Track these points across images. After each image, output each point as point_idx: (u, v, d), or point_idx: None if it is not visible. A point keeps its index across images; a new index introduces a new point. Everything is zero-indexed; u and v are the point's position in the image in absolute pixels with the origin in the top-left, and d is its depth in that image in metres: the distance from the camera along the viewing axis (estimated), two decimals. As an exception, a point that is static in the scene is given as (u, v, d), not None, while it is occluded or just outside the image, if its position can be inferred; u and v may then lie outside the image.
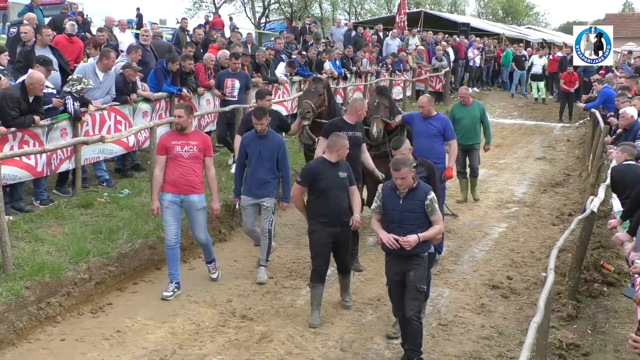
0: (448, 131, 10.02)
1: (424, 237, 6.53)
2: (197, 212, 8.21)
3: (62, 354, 6.88)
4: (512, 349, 7.39)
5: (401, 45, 25.89)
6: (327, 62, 19.57)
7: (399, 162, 6.49)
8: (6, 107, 9.17)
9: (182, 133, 8.05)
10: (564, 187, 14.86)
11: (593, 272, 9.03)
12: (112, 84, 11.36)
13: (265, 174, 8.68)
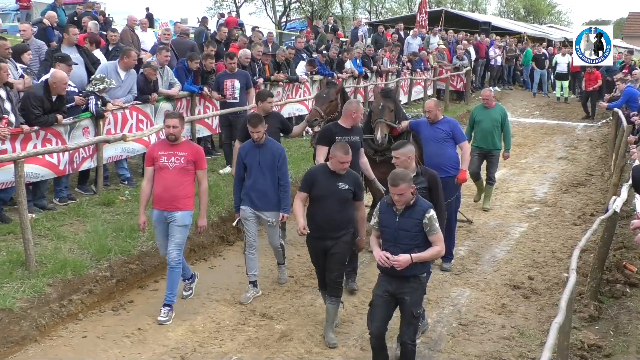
0: (457, 133, 9.41)
1: (417, 258, 6.01)
2: (176, 227, 7.58)
3: (83, 350, 6.93)
4: (533, 349, 7.35)
5: (422, 44, 25.83)
6: (348, 61, 19.57)
7: (397, 177, 5.98)
8: (30, 105, 9.27)
9: (171, 143, 7.51)
10: (586, 187, 14.75)
11: (615, 272, 8.94)
12: (134, 83, 11.42)
13: (266, 185, 8.09)
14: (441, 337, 7.62)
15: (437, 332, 7.73)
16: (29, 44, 11.53)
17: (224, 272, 8.98)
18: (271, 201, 8.11)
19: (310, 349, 7.14)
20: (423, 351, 7.28)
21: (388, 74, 21.48)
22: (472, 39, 28.69)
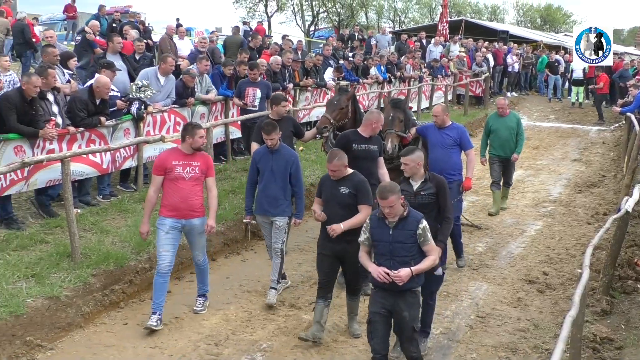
0: (464, 140, 9.09)
1: (417, 270, 5.65)
2: (198, 235, 7.37)
3: (124, 337, 7.01)
4: (547, 341, 7.31)
5: (443, 51, 25.77)
6: (373, 67, 19.58)
7: (385, 190, 5.63)
8: (75, 108, 9.40)
9: (185, 153, 7.16)
10: (599, 188, 14.61)
11: (627, 269, 8.88)
12: (173, 87, 11.53)
13: (277, 191, 7.79)
14: (460, 329, 7.60)
15: (456, 324, 7.72)
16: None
17: (256, 265, 9.03)
18: (280, 206, 7.82)
19: (336, 338, 7.15)
20: (442, 341, 7.28)
21: (411, 79, 21.43)
22: (491, 47, 28.55)
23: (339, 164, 6.75)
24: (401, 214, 5.66)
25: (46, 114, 8.89)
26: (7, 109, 8.43)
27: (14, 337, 6.58)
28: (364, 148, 7.99)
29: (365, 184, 6.92)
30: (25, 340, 6.64)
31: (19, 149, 8.61)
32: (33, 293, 7.04)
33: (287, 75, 15.10)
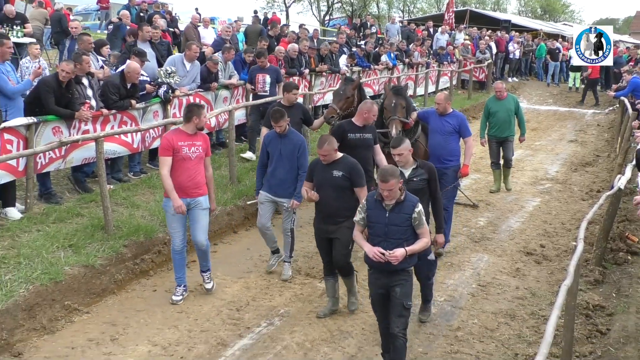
0: (464, 128, 8.67)
1: (411, 250, 5.42)
2: (201, 211, 7.01)
3: (153, 302, 7.07)
4: (543, 308, 7.31)
5: (449, 39, 25.61)
6: (384, 54, 19.47)
7: (387, 173, 5.37)
8: (108, 92, 9.43)
9: (188, 134, 6.87)
10: (593, 167, 14.54)
11: (618, 242, 8.85)
12: (197, 73, 11.53)
13: (285, 173, 7.58)
14: (462, 296, 7.61)
15: (459, 292, 7.72)
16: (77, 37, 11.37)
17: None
18: (288, 189, 7.61)
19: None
20: (446, 308, 7.30)
21: (418, 66, 21.31)
22: (494, 35, 28.28)
23: (329, 149, 6.50)
24: (398, 197, 5.43)
25: (81, 97, 8.93)
26: (46, 92, 8.46)
27: (54, 302, 6.67)
28: (358, 137, 7.72)
29: (357, 166, 6.66)
30: (64, 305, 6.73)
31: (57, 130, 8.66)
32: (70, 262, 7.12)
33: (304, 62, 15.08)
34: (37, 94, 8.50)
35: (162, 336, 6.41)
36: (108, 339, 6.25)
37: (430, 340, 6.57)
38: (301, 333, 6.54)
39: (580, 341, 6.41)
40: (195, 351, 6.19)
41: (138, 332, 6.48)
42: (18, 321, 6.26)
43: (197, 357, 6.10)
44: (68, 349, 6.12)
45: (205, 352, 6.19)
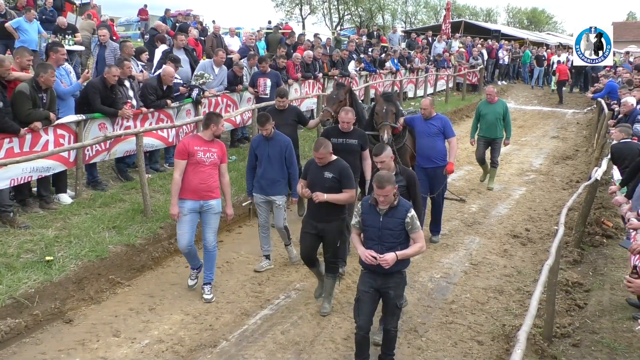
0: (447, 129, 8.25)
1: (402, 255, 5.00)
2: (213, 215, 6.54)
3: (186, 276, 7.06)
4: (528, 284, 7.27)
5: (445, 47, 25.42)
6: (388, 61, 19.35)
7: (383, 179, 4.91)
8: (147, 93, 9.43)
9: (205, 140, 6.41)
10: (573, 160, 14.39)
11: (595, 227, 8.79)
12: (225, 76, 11.50)
13: (274, 174, 7.08)
14: (456, 274, 7.57)
15: (453, 270, 7.68)
16: (106, 44, 11.43)
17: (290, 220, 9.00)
18: (278, 187, 7.13)
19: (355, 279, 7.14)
20: (442, 284, 7.26)
21: (418, 70, 21.16)
22: (485, 44, 28.10)
23: (325, 152, 6.07)
24: (392, 202, 5.02)
25: (124, 97, 8.92)
26: (93, 93, 8.47)
27: (100, 276, 6.70)
28: (341, 142, 7.23)
29: (348, 169, 6.21)
30: (108, 278, 6.75)
31: (102, 126, 8.67)
32: (114, 241, 7.14)
33: (318, 67, 15.01)
34: (86, 95, 8.52)
35: (193, 307, 6.43)
36: (146, 309, 6.28)
37: (427, 312, 6.54)
38: (315, 305, 6.52)
39: (561, 314, 6.38)
40: (222, 320, 6.20)
41: (172, 303, 6.50)
42: (69, 292, 6.31)
43: (224, 325, 6.11)
44: (112, 317, 6.15)
45: (231, 321, 6.20)
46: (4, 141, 7.24)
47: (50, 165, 7.92)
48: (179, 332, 5.93)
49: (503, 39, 31.83)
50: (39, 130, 7.61)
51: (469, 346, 5.88)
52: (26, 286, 5.99)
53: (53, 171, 8.05)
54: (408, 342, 5.91)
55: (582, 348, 5.67)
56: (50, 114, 7.71)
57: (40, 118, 7.57)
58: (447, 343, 5.92)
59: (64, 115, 8.18)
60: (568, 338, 5.89)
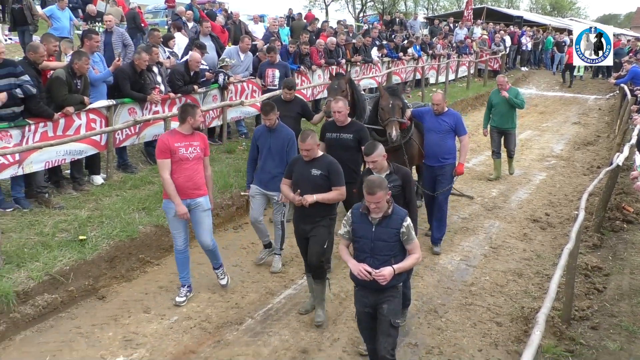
0: (460, 127, 7.53)
1: (399, 269, 4.40)
2: (203, 213, 5.96)
3: (213, 257, 7.16)
4: (547, 268, 7.23)
5: (467, 33, 25.13)
6: (410, 47, 19.20)
7: (373, 185, 4.29)
8: (174, 79, 9.51)
9: (184, 134, 5.82)
10: (594, 146, 14.19)
11: (616, 212, 8.69)
12: (250, 62, 11.53)
13: (274, 168, 6.50)
14: (476, 257, 7.57)
15: (474, 253, 7.67)
16: (112, 30, 11.22)
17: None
18: (277, 182, 6.32)
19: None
20: (462, 267, 7.27)
21: (440, 56, 20.96)
22: (507, 30, 27.69)
23: (312, 143, 5.57)
24: (385, 210, 4.42)
25: (152, 82, 9.01)
26: (123, 79, 8.57)
27: (130, 255, 6.82)
28: (335, 137, 6.71)
29: (336, 165, 5.66)
30: (138, 257, 6.88)
31: (132, 111, 8.77)
32: (144, 222, 7.25)
33: (341, 53, 14.96)
34: (116, 80, 8.62)
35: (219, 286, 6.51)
36: (175, 287, 6.37)
37: (447, 294, 6.56)
38: (336, 285, 6.57)
39: (580, 297, 6.34)
40: (247, 299, 6.29)
41: (200, 281, 6.60)
42: (102, 270, 6.44)
43: (250, 303, 6.20)
44: (142, 294, 6.27)
45: (256, 299, 6.28)
46: (38, 125, 7.39)
47: (82, 149, 8.07)
48: (206, 309, 6.04)
49: (525, 25, 31.33)
50: (71, 114, 7.75)
51: (488, 327, 5.90)
52: (61, 264, 6.14)
53: (85, 154, 8.20)
54: (428, 322, 5.95)
55: (600, 331, 5.65)
56: (85, 98, 7.87)
57: (75, 102, 7.72)
58: (467, 324, 5.95)
59: (96, 100, 8.29)
60: (587, 321, 5.87)
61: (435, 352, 5.43)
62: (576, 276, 6.23)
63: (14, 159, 7.10)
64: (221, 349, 5.38)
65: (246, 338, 5.56)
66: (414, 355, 5.39)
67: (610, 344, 5.36)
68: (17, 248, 6.25)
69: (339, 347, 5.42)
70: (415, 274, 6.92)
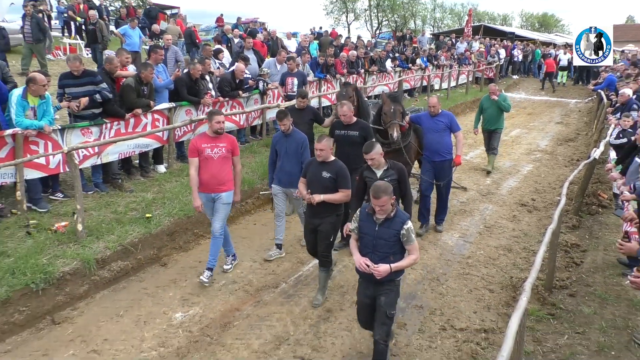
0: (454, 124, 7.26)
1: (396, 267, 4.14)
2: (222, 205, 5.73)
3: (254, 232, 7.23)
4: (532, 245, 7.12)
5: (467, 47, 24.69)
6: (418, 59, 18.95)
7: (379, 190, 4.03)
8: (223, 85, 9.53)
9: (211, 137, 5.65)
10: (574, 142, 13.85)
11: (592, 198, 8.50)
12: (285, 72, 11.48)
13: (291, 167, 6.17)
14: (472, 234, 7.48)
15: (470, 231, 7.58)
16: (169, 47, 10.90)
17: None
18: (295, 180, 6.00)
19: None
20: (460, 242, 7.19)
21: (444, 67, 20.64)
22: (501, 44, 27.14)
23: (327, 144, 5.31)
24: (388, 213, 4.14)
25: (205, 89, 9.05)
26: (181, 86, 8.63)
27: (187, 230, 6.89)
28: (343, 134, 6.46)
29: (345, 170, 5.35)
30: (193, 232, 6.94)
31: (188, 112, 8.83)
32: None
33: (360, 64, 14.84)
34: (175, 87, 8.67)
35: (260, 255, 6.55)
36: (223, 257, 6.39)
37: (448, 265, 6.51)
38: (356, 257, 6.55)
39: (560, 270, 6.23)
40: (282, 267, 6.32)
41: (244, 252, 6.64)
42: (164, 242, 6.52)
43: (284, 270, 6.23)
44: (196, 262, 6.35)
45: (289, 267, 6.31)
46: (113, 124, 7.50)
47: (148, 143, 8.16)
48: (248, 275, 6.09)
49: (517, 39, 30.70)
50: (139, 115, 7.84)
51: (482, 293, 5.84)
52: (132, 237, 6.23)
53: (151, 147, 8.29)
54: (432, 288, 5.91)
55: (577, 298, 5.56)
56: (150, 102, 7.94)
57: (142, 105, 7.81)
58: (464, 290, 5.89)
59: (159, 103, 8.37)
60: (566, 289, 5.77)
61: (437, 314, 5.40)
62: (557, 252, 6.13)
63: (94, 151, 7.24)
64: (260, 307, 5.43)
65: (281, 299, 5.60)
66: (419, 315, 5.37)
67: (586, 309, 5.27)
68: (97, 224, 6.37)
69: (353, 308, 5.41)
70: (420, 248, 6.88)
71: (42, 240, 5.84)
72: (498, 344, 4.82)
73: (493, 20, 59.09)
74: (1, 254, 5.50)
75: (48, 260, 5.46)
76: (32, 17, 12.52)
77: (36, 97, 6.53)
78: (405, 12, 49.79)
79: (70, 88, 7.04)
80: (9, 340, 4.81)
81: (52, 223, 6.29)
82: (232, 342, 4.84)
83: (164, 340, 4.84)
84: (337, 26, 47.81)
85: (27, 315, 5.02)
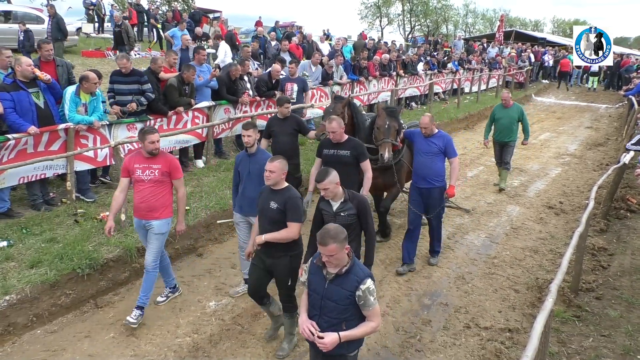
0: (449, 149, 5.91)
1: (346, 337, 3.04)
2: (153, 235, 4.77)
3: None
4: (559, 247, 6.89)
5: (498, 52, 24.16)
6: (450, 63, 18.62)
7: (327, 235, 2.99)
8: (260, 85, 9.54)
9: (145, 157, 4.68)
10: (604, 147, 13.35)
11: (621, 202, 8.16)
12: (319, 74, 11.45)
13: (253, 192, 4.82)
14: (499, 235, 7.28)
15: (497, 232, 7.39)
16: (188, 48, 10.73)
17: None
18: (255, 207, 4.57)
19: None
20: (487, 242, 7.02)
21: (475, 71, 20.23)
22: (532, 49, 26.44)
23: (278, 167, 4.13)
24: (341, 267, 3.07)
25: (243, 88, 9.09)
26: (220, 85, 8.70)
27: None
28: (332, 153, 5.45)
29: (296, 200, 4.14)
30: (229, 225, 6.92)
31: (227, 110, 8.89)
32: (233, 197, 7.33)
33: (392, 67, 14.67)
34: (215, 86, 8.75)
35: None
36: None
37: (474, 264, 6.35)
38: (382, 253, 6.46)
39: (587, 272, 6.01)
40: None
41: (275, 245, 6.62)
42: (200, 234, 6.58)
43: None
44: (230, 254, 6.38)
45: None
46: (156, 120, 7.62)
47: (188, 139, 8.26)
48: (279, 267, 6.07)
49: (548, 45, 29.86)
50: (181, 113, 7.94)
51: (507, 293, 5.67)
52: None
53: (190, 143, 8.39)
54: (457, 287, 5.78)
55: (603, 301, 5.34)
56: (191, 100, 8.04)
57: (184, 104, 7.91)
58: (489, 289, 5.74)
59: (200, 101, 8.47)
60: (592, 292, 5.55)
61: (462, 312, 5.28)
62: (584, 255, 5.90)
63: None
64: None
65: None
66: (444, 312, 5.26)
67: (612, 312, 5.05)
68: (139, 214, 6.47)
69: (382, 304, 5.34)
70: (447, 247, 6.75)
71: (88, 228, 5.98)
72: (522, 343, 4.68)
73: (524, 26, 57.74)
74: (51, 240, 5.66)
75: (93, 247, 5.58)
76: (54, 17, 12.87)
77: (87, 94, 6.69)
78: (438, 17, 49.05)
79: (118, 85, 7.22)
80: (56, 322, 4.94)
81: (98, 212, 6.43)
82: (262, 331, 4.84)
83: (198, 327, 4.88)
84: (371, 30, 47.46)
85: (72, 298, 5.14)
